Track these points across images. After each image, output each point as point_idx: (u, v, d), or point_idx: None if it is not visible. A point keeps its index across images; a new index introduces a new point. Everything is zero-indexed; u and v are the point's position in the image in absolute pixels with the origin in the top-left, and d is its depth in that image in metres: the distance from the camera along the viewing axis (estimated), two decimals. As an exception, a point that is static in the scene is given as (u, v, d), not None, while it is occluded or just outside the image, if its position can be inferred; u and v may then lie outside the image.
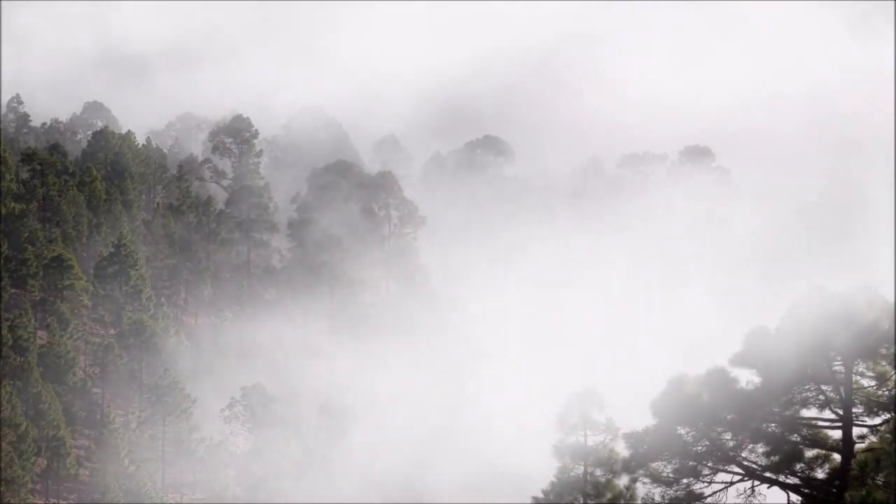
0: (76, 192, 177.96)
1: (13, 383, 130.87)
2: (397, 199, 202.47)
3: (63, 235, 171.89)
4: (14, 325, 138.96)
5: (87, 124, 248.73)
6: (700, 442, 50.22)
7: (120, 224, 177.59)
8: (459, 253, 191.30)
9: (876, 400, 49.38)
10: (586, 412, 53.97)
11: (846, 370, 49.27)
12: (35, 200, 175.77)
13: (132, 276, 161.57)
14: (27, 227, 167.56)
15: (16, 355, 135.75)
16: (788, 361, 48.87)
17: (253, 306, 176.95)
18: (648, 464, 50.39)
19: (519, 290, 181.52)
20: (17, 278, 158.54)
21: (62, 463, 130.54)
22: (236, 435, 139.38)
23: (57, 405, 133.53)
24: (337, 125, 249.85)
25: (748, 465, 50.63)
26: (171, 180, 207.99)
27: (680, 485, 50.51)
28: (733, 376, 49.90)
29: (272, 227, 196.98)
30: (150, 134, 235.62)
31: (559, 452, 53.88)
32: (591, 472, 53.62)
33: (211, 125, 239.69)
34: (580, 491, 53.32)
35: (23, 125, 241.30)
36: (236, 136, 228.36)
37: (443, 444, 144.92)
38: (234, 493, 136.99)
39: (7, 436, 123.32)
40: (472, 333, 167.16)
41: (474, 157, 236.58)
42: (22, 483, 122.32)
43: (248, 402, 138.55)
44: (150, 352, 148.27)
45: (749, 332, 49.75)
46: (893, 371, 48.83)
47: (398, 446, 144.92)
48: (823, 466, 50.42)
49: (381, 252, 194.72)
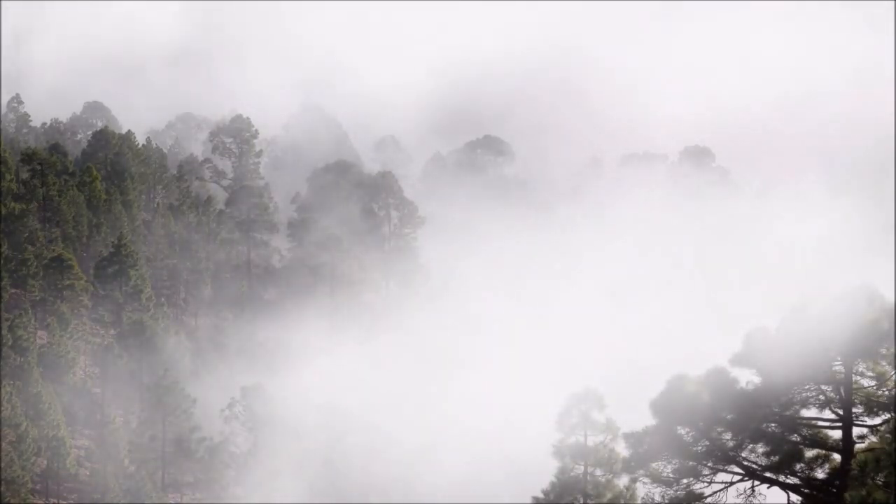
0: (76, 192, 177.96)
1: (13, 383, 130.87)
2: (397, 199, 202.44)
3: (63, 235, 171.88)
4: (14, 325, 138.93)
5: (87, 124, 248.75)
6: (700, 442, 50.25)
7: (120, 224, 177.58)
8: (459, 253, 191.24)
9: (876, 400, 49.41)
10: (586, 412, 53.96)
11: (846, 370, 49.29)
12: (35, 200, 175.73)
13: (132, 276, 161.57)
14: (27, 227, 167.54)
15: (16, 355, 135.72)
16: (788, 361, 48.89)
17: (253, 306, 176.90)
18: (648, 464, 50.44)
19: (519, 290, 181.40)
20: (17, 278, 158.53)
21: (62, 463, 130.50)
22: (236, 435, 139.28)
23: (57, 405, 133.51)
24: (337, 125, 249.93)
25: (748, 465, 50.66)
26: (171, 180, 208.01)
27: (680, 485, 50.55)
28: (733, 376, 49.94)
29: (272, 227, 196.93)
30: (150, 134, 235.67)
31: (559, 452, 53.89)
32: (591, 472, 53.63)
33: (211, 125, 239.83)
34: (580, 491, 53.33)
35: (23, 125, 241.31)
36: (236, 136, 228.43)
37: (443, 444, 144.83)
38: (234, 493, 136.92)
39: (7, 436, 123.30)
40: (472, 333, 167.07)
41: (474, 157, 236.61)
42: (22, 483, 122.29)
43: (248, 402, 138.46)
44: (150, 352, 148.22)
45: (749, 332, 49.80)
46: (893, 371, 48.86)
47: (398, 446, 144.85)
48: (823, 466, 50.47)
49: (381, 252, 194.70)
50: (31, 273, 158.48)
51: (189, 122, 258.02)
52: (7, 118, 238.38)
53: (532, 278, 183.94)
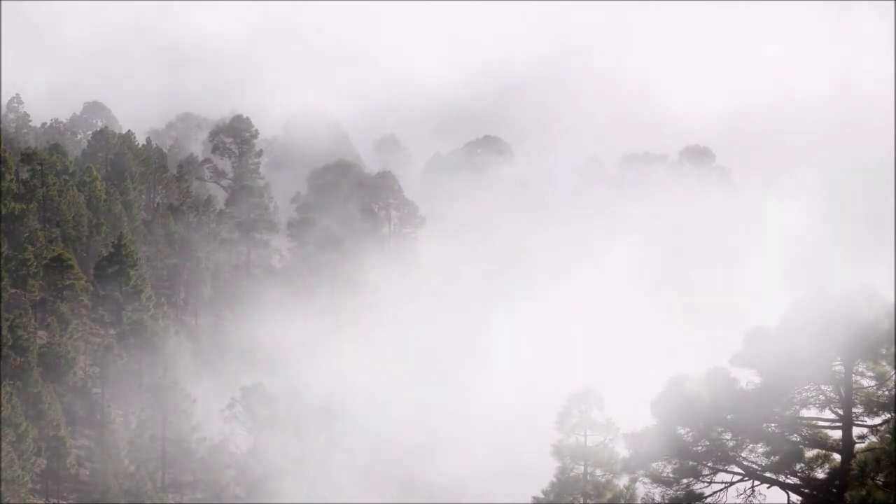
0: (76, 192, 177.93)
1: (13, 383, 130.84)
2: (397, 199, 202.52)
3: (63, 235, 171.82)
4: (14, 325, 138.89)
5: (87, 124, 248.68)
6: (700, 442, 50.23)
7: (120, 224, 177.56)
8: (459, 253, 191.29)
9: (876, 400, 49.40)
10: (586, 412, 53.98)
11: (846, 370, 49.27)
12: (35, 200, 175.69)
13: (132, 276, 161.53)
14: (27, 227, 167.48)
15: (16, 355, 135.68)
16: (788, 361, 48.86)
17: (253, 306, 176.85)
18: (648, 464, 50.42)
19: (518, 290, 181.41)
20: (17, 278, 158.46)
21: (62, 463, 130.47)
22: (236, 435, 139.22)
23: (57, 405, 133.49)
24: (337, 125, 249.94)
25: (748, 465, 50.64)
26: (171, 180, 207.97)
27: (680, 485, 50.53)
28: (733, 376, 49.93)
29: (272, 227, 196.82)
30: (150, 134, 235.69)
31: (559, 452, 53.89)
32: (591, 472, 53.62)
33: (211, 125, 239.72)
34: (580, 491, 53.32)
35: (23, 125, 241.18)
36: (236, 136, 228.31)
37: (443, 444, 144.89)
38: (234, 493, 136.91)
39: (7, 436, 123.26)
40: (472, 333, 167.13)
41: (474, 157, 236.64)
42: (22, 483, 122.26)
43: (248, 402, 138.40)
44: (150, 352, 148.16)
45: (749, 332, 49.79)
46: (893, 371, 48.84)
47: (398, 446, 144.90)
48: (823, 466, 50.43)
49: (381, 252, 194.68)
50: (31, 273, 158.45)
51: (189, 122, 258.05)
52: (7, 118, 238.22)
53: (532, 278, 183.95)
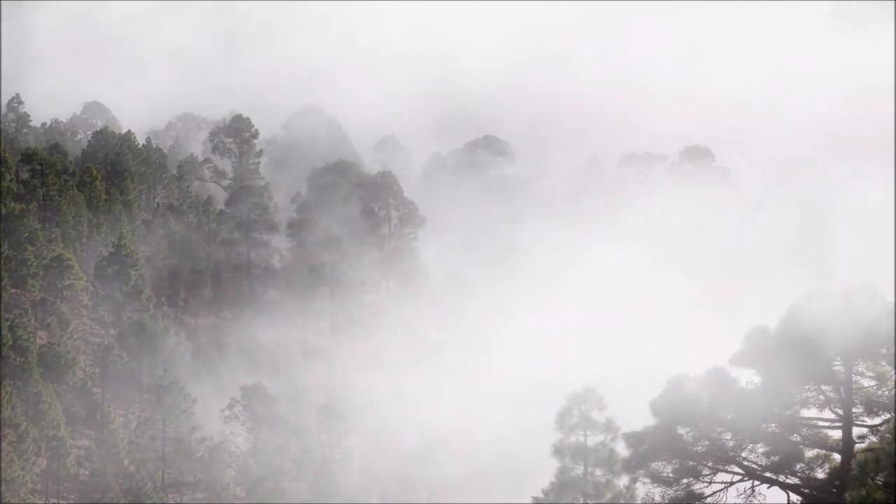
0: (76, 192, 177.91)
1: (13, 383, 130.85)
2: (397, 199, 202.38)
3: (63, 235, 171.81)
4: (14, 325, 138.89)
5: (87, 124, 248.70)
6: (700, 442, 50.23)
7: (120, 224, 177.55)
8: (460, 253, 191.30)
9: (876, 400, 49.40)
10: (586, 412, 53.91)
11: (846, 370, 49.26)
12: (35, 200, 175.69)
13: (132, 276, 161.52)
14: (27, 227, 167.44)
15: (16, 355, 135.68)
16: (788, 361, 48.85)
17: (253, 306, 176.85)
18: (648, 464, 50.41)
19: (519, 290, 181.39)
20: (17, 278, 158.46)
21: (62, 463, 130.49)
22: (236, 435, 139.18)
23: (57, 405, 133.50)
24: (337, 125, 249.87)
25: (748, 465, 50.63)
26: (171, 180, 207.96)
27: (680, 485, 50.53)
28: (733, 376, 49.92)
29: (272, 227, 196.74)
30: (150, 134, 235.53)
31: (559, 452, 53.85)
32: (591, 472, 53.59)
33: (211, 125, 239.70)
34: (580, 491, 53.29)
35: (23, 125, 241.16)
36: (236, 136, 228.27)
37: (443, 444, 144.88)
38: (234, 493, 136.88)
39: (7, 436, 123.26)
40: (472, 333, 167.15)
41: (474, 157, 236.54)
42: (22, 483, 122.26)
43: (248, 402, 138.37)
44: (150, 352, 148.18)
45: (749, 332, 49.77)
46: (893, 371, 48.84)
47: (398, 446, 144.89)
48: (823, 466, 50.42)
49: (381, 252, 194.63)
50: (31, 273, 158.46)
51: (189, 122, 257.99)
52: (7, 118, 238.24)
53: (532, 278, 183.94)
